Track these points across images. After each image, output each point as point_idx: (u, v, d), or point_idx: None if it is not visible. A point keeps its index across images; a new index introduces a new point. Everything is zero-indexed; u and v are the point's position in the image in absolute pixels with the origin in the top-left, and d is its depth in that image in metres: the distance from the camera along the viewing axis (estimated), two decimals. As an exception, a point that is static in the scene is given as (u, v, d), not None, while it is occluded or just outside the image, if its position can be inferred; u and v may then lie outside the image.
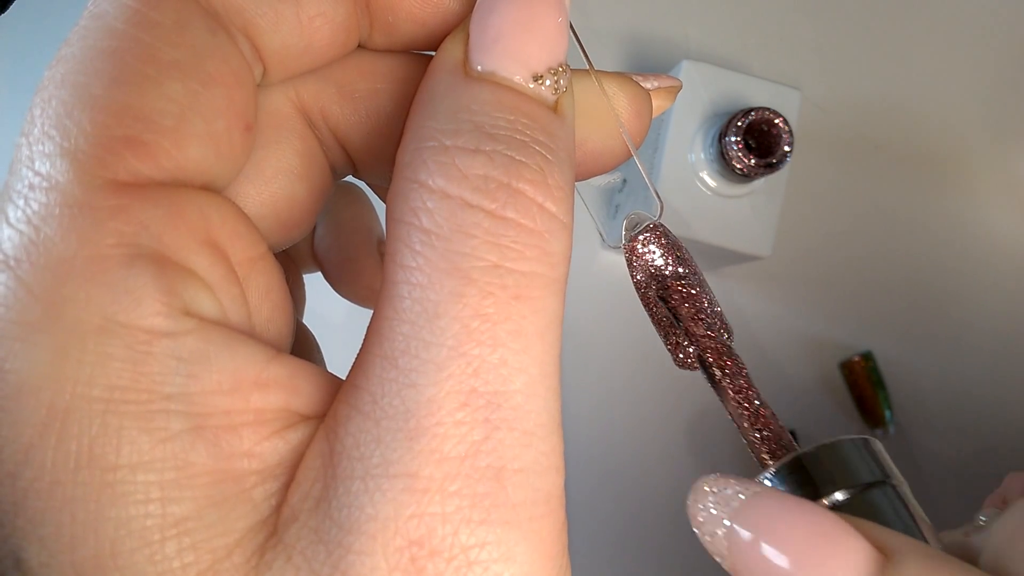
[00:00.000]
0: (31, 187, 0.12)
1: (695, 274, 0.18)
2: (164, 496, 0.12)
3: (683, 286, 0.18)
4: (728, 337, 0.19)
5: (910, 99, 0.52)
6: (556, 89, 0.14)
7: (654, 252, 0.18)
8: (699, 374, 0.19)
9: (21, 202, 0.12)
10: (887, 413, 0.48)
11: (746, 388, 0.19)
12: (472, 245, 0.13)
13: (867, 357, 0.48)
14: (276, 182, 0.17)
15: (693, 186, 0.41)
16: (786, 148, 0.38)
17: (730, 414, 0.19)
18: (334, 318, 0.46)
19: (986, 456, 0.49)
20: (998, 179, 0.52)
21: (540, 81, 0.14)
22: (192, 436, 0.12)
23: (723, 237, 0.41)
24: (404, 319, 0.13)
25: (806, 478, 0.17)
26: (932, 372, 0.50)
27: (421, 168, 0.13)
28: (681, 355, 0.19)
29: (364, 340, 0.14)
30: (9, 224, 0.12)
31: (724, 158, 0.38)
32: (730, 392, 0.18)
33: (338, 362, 0.17)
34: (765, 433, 0.18)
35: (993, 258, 0.52)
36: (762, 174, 0.38)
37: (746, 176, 0.39)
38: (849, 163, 0.51)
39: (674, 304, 0.18)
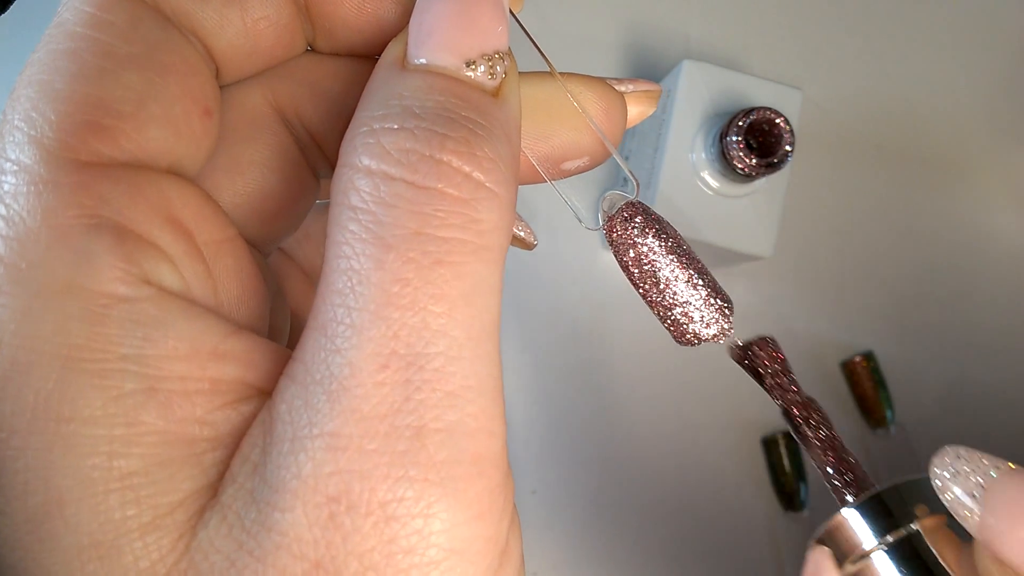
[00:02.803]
0: (3, 172, 0.13)
1: (680, 245, 0.18)
2: (112, 451, 0.13)
3: (674, 256, 0.18)
4: (729, 310, 0.18)
5: (911, 98, 0.52)
6: (492, 75, 0.14)
7: (634, 228, 0.18)
8: (703, 372, 0.19)
9: None
10: (888, 413, 0.48)
11: (832, 438, 0.19)
12: (394, 215, 0.13)
13: (868, 357, 0.48)
14: (249, 173, 0.17)
15: (694, 186, 0.41)
16: (787, 148, 0.38)
17: (813, 458, 0.20)
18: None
19: (987, 456, 0.49)
20: (999, 178, 0.52)
21: (473, 67, 0.14)
22: (144, 396, 0.13)
23: (724, 237, 0.41)
24: (333, 290, 0.13)
25: (885, 510, 0.19)
26: (933, 372, 0.50)
27: (351, 152, 0.14)
28: (682, 329, 0.19)
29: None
30: None
31: (725, 158, 0.38)
32: (817, 445, 0.19)
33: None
34: (848, 477, 0.19)
35: (995, 257, 0.52)
36: (763, 174, 0.38)
37: (747, 176, 0.39)
38: (850, 163, 0.51)
39: (667, 276, 0.18)
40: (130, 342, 0.13)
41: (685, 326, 0.18)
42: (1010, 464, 0.18)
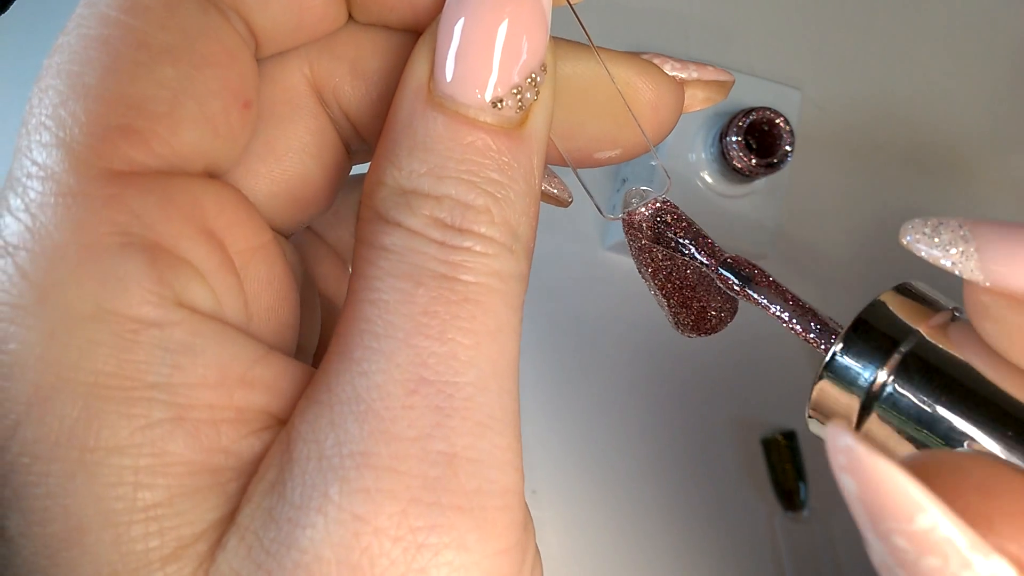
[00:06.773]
0: (29, 176, 0.13)
1: (708, 243, 0.18)
2: (137, 481, 0.12)
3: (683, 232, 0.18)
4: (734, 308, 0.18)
5: (911, 99, 0.52)
6: (521, 106, 0.14)
7: (667, 227, 0.18)
8: (703, 372, 0.19)
9: (20, 190, 0.13)
10: (888, 413, 0.48)
11: (778, 285, 0.18)
12: (424, 258, 0.13)
13: (868, 357, 0.48)
14: (288, 159, 0.17)
15: (694, 186, 0.41)
16: (787, 148, 0.38)
17: (776, 315, 0.18)
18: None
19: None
20: (999, 178, 0.52)
21: (500, 106, 0.14)
22: (171, 426, 0.13)
23: (724, 237, 0.41)
24: (360, 318, 0.13)
25: (877, 335, 0.17)
26: (933, 372, 0.50)
27: (380, 203, 0.14)
28: (684, 313, 0.18)
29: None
30: (10, 212, 0.13)
31: (725, 158, 0.38)
32: (771, 288, 0.18)
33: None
34: (815, 323, 0.17)
35: (994, 258, 0.52)
36: (763, 174, 0.38)
37: (747, 176, 0.39)
38: (850, 163, 0.51)
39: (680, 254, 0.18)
40: (159, 370, 0.13)
41: (703, 320, 0.18)
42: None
